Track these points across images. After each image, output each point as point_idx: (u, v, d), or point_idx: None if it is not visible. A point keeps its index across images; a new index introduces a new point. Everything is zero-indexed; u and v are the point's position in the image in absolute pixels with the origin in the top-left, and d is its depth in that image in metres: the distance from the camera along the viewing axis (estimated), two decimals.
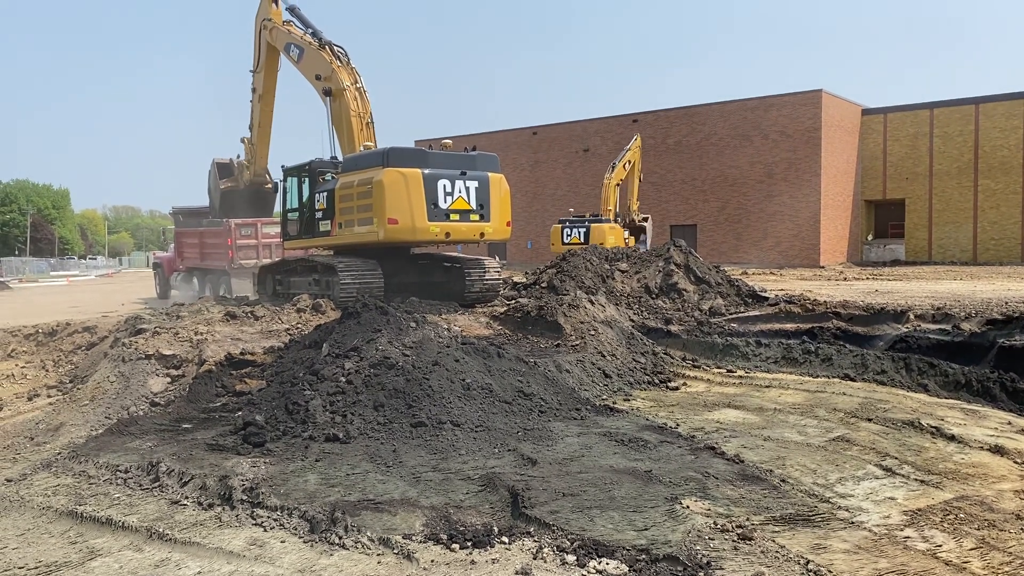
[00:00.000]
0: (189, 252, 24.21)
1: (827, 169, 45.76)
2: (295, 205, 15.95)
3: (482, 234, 14.26)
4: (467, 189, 13.84)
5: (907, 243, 49.16)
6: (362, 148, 14.94)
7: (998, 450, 6.64)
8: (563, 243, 36.59)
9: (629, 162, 38.18)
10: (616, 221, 37.14)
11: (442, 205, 13.54)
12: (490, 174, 14.23)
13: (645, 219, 39.09)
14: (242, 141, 20.99)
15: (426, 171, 13.38)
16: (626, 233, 37.46)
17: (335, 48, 16.09)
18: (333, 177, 14.83)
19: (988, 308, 12.91)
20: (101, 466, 6.33)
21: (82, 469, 6.32)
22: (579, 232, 36.40)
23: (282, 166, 16.39)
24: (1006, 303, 14.40)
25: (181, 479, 5.84)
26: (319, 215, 14.78)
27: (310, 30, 16.66)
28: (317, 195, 14.95)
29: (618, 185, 37.12)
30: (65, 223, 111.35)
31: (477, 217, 14.01)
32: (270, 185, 21.93)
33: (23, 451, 7.09)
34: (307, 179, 15.49)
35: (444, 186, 13.57)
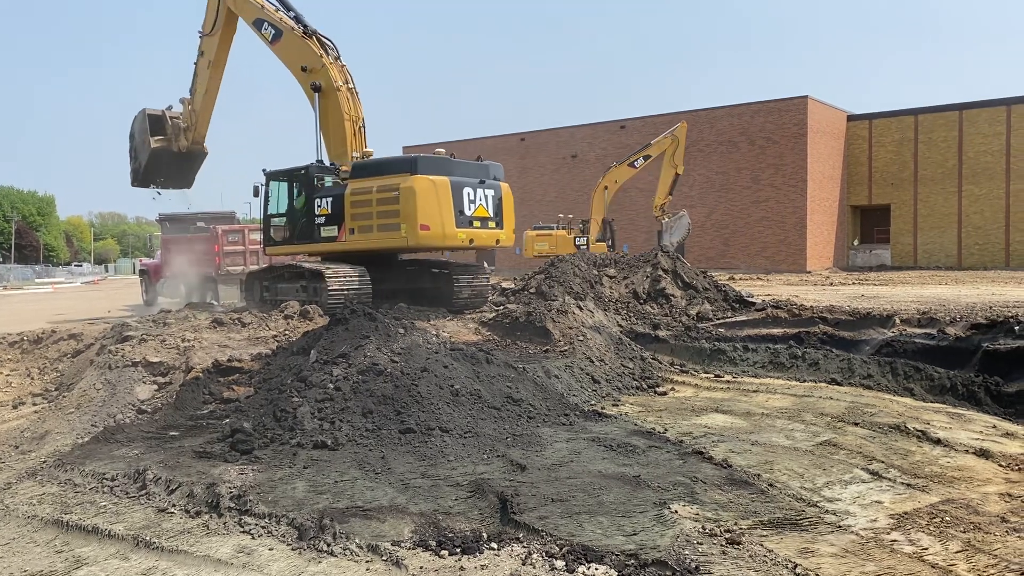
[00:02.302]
0: (176, 259, 24.08)
1: (813, 175, 46.07)
2: (281, 210, 15.63)
3: (497, 241, 14.60)
4: (486, 197, 14.21)
5: (893, 248, 49.54)
6: (355, 155, 14.85)
7: (983, 453, 6.69)
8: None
9: (647, 157, 35.48)
10: (604, 226, 36.87)
11: (467, 212, 13.85)
12: (500, 183, 14.67)
13: (678, 216, 35.43)
14: (181, 102, 18.66)
15: (453, 179, 13.71)
16: (579, 239, 36.48)
17: (323, 39, 15.15)
18: (339, 182, 14.74)
19: (973, 312, 13.00)
20: (87, 474, 6.28)
21: (68, 477, 6.28)
22: None
23: (264, 170, 15.81)
24: (990, 307, 14.51)
25: (168, 487, 5.81)
26: (321, 220, 14.62)
27: (292, 13, 15.33)
28: (318, 200, 14.74)
29: (606, 188, 36.44)
30: (50, 230, 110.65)
31: (494, 224, 14.36)
32: (207, 152, 19.57)
33: (8, 459, 7.04)
34: (301, 183, 15.16)
35: (468, 194, 13.88)
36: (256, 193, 15.84)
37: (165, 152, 19.28)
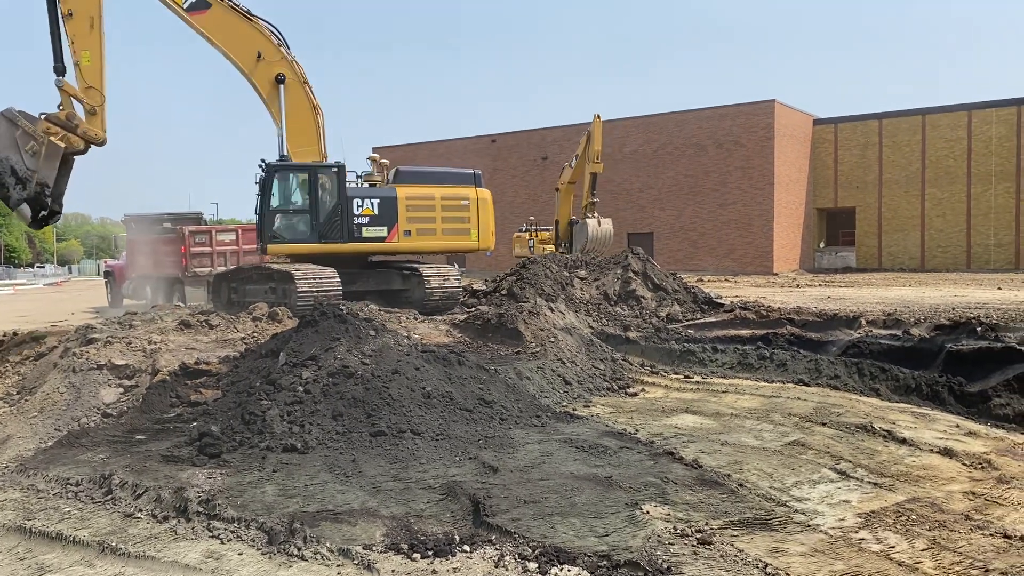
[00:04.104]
0: (142, 260, 23.72)
1: (780, 178, 46.58)
2: (292, 206, 15.00)
3: None
4: None
5: (858, 250, 50.25)
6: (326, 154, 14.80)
7: (947, 452, 6.81)
8: None
9: (577, 156, 34.03)
10: (568, 227, 36.11)
11: None
12: None
13: (580, 223, 32.94)
14: (61, 87, 13.37)
15: None
16: (530, 241, 36.19)
17: (271, 26, 14.21)
18: (386, 183, 15.57)
19: (936, 314, 13.23)
20: (51, 479, 6.16)
21: (31, 483, 6.15)
22: None
23: (265, 162, 14.59)
24: (953, 309, 14.77)
25: (135, 491, 5.72)
26: (364, 221, 14.91)
27: None
28: (358, 200, 14.88)
29: (557, 190, 35.98)
30: (11, 231, 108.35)
31: None
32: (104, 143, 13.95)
33: None
34: (334, 181, 14.83)
35: None
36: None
37: (69, 157, 13.88)
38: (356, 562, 4.50)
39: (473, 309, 13.98)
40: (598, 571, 4.35)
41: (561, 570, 4.38)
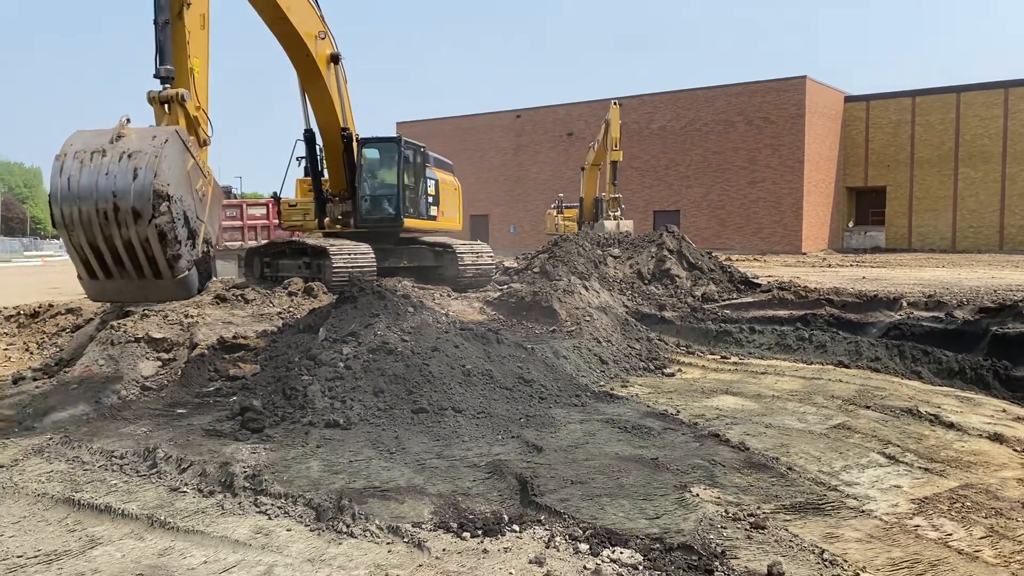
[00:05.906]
0: None
1: (810, 156, 45.98)
2: (408, 182, 15.56)
3: None
4: None
5: (887, 230, 49.62)
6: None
7: (997, 438, 6.69)
8: None
9: (597, 140, 33.67)
10: (594, 204, 35.67)
11: None
12: None
13: (599, 224, 31.06)
14: (184, 103, 8.63)
15: None
16: (556, 223, 35.91)
17: None
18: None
19: (978, 296, 12.99)
20: (95, 452, 6.18)
21: (75, 455, 6.18)
22: None
23: (403, 137, 15.43)
24: (995, 291, 14.50)
25: (179, 465, 5.72)
26: (430, 200, 16.31)
27: None
28: (428, 180, 16.26)
29: (583, 169, 35.60)
30: (38, 202, 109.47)
31: None
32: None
33: (12, 435, 6.93)
34: (423, 160, 16.00)
35: None
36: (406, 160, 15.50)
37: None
38: (406, 540, 4.47)
39: (506, 287, 13.90)
40: (651, 554, 4.28)
41: (613, 552, 4.32)
